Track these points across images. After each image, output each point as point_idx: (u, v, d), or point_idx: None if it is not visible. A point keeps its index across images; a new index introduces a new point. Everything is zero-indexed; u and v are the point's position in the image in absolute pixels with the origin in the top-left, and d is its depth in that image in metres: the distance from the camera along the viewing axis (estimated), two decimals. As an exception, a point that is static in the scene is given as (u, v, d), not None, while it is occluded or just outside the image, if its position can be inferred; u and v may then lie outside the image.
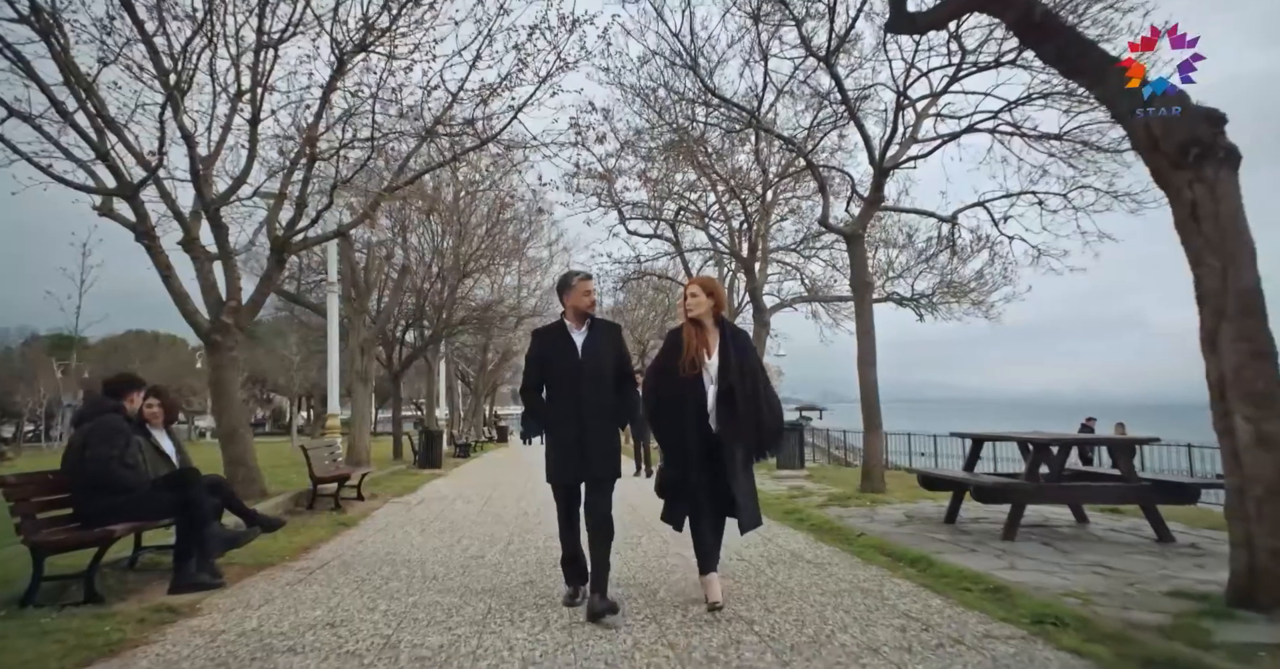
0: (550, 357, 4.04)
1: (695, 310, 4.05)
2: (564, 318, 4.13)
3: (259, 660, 3.14)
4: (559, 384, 4.01)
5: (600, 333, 4.09)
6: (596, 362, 3.99)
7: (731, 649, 3.26)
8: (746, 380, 3.93)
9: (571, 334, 4.04)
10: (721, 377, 3.93)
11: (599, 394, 3.95)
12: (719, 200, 17.03)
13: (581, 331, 4.06)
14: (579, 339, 4.03)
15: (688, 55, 10.00)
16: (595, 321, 4.13)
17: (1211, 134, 4.15)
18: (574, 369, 3.95)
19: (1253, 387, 3.93)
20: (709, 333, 4.06)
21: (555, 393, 4.03)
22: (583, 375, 3.94)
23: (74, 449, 4.48)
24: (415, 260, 16.46)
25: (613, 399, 4.02)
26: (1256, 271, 4.03)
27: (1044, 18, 4.73)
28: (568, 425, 3.91)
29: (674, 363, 4.02)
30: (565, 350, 3.99)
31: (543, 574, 4.91)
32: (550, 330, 4.19)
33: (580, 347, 4.00)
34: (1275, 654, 3.21)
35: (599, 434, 3.91)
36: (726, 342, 4.02)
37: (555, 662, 3.10)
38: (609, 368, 4.04)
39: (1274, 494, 3.84)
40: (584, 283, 4.10)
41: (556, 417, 3.97)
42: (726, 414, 3.91)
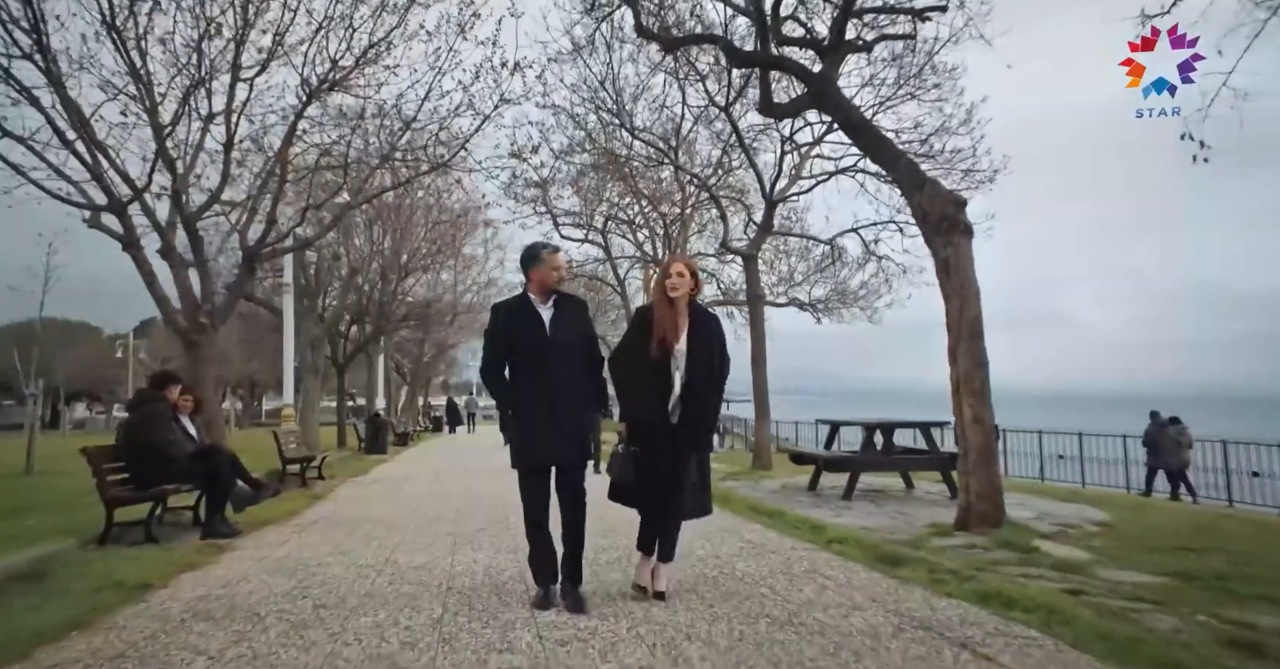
0: (515, 333, 3.74)
1: (678, 291, 3.80)
2: (527, 291, 3.85)
3: (301, 570, 4.66)
4: (525, 362, 3.73)
5: (568, 308, 3.84)
6: (566, 338, 3.74)
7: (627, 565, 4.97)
8: (713, 377, 3.82)
9: (538, 308, 3.76)
10: (689, 370, 3.76)
11: (569, 372, 3.71)
12: (642, 211, 18.76)
13: (548, 307, 3.78)
14: (546, 314, 3.76)
15: (613, 101, 11.70)
16: (561, 296, 3.87)
17: (956, 213, 6.07)
18: (542, 346, 3.69)
19: (973, 385, 5.88)
20: (680, 316, 3.82)
21: (521, 372, 3.75)
22: (552, 353, 3.69)
23: (129, 428, 5.86)
24: (359, 261, 17.63)
25: (583, 378, 3.81)
26: (980, 308, 5.98)
27: (859, 121, 6.60)
28: (536, 406, 3.66)
29: (642, 342, 3.79)
30: (532, 326, 3.71)
31: (492, 525, 6.49)
32: (514, 304, 3.86)
33: (548, 322, 3.73)
34: (956, 549, 5.14)
35: (571, 415, 3.70)
36: (698, 328, 3.83)
37: (508, 565, 4.74)
38: (579, 345, 3.81)
39: (982, 457, 5.82)
40: (553, 256, 3.83)
41: (523, 397, 3.71)
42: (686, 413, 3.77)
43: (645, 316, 3.93)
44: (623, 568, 4.53)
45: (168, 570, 4.59)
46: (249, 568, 4.77)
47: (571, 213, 19.89)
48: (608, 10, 8.45)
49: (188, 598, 3.98)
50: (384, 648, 3.09)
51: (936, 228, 6.10)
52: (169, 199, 9.95)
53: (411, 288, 21.23)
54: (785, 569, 4.55)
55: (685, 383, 3.78)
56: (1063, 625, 3.30)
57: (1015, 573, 4.52)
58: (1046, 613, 3.49)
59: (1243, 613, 3.54)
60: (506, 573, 4.51)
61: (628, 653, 3.00)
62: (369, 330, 19.69)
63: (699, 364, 3.79)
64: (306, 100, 10.11)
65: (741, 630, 3.29)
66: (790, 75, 7.37)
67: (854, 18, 7.16)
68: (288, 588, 4.19)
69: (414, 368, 30.70)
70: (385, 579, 4.39)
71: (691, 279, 3.87)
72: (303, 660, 2.94)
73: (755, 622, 3.43)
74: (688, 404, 3.77)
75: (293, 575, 4.51)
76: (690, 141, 14.96)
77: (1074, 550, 5.22)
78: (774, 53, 7.18)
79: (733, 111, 10.81)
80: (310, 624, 3.44)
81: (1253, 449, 12.61)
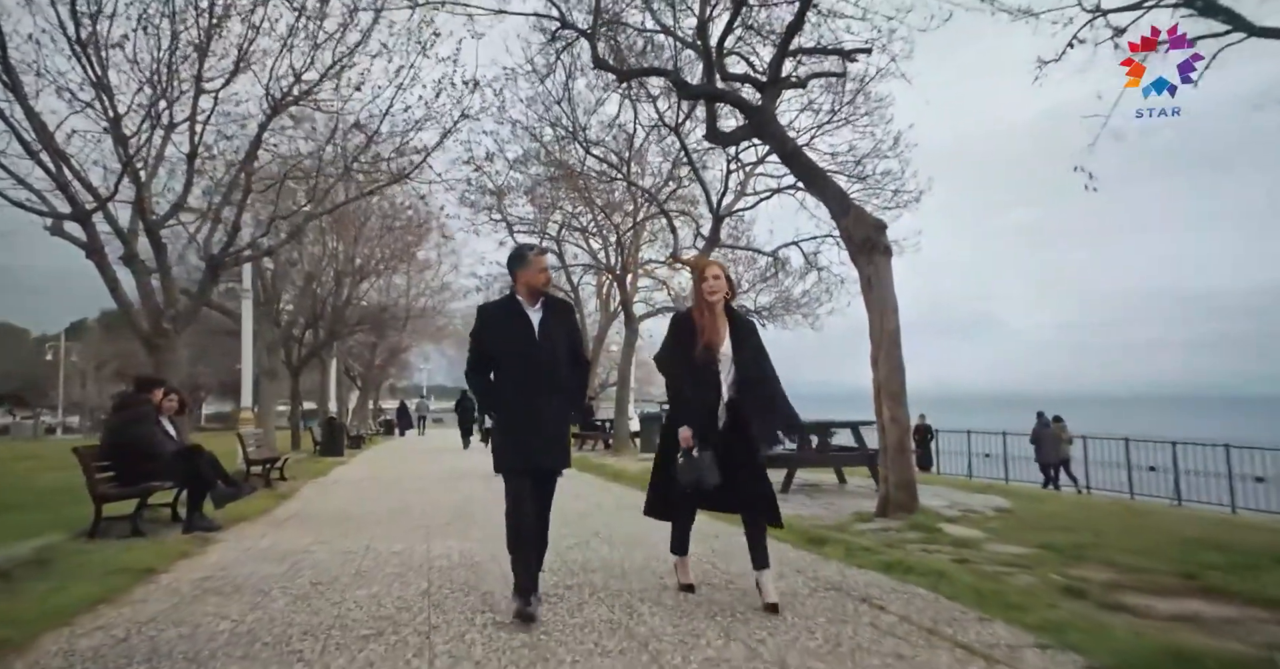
0: (503, 336, 3.70)
1: (716, 294, 3.77)
2: (515, 294, 3.79)
3: (290, 557, 5.14)
4: (513, 367, 3.68)
5: (555, 312, 3.79)
6: (554, 342, 3.71)
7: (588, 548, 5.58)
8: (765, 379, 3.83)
9: (526, 311, 3.71)
10: (740, 370, 3.77)
11: (556, 378, 3.69)
12: (595, 220, 19.37)
13: (537, 310, 3.72)
14: (535, 317, 3.70)
15: (569, 118, 12.35)
16: (549, 299, 3.83)
17: (878, 236, 6.86)
18: (531, 351, 3.64)
19: (892, 389, 6.68)
20: (720, 320, 3.80)
21: (508, 376, 3.70)
22: (540, 356, 3.65)
23: (114, 429, 6.23)
24: (314, 265, 17.82)
25: (568, 384, 3.79)
26: (898, 320, 6.78)
27: (793, 150, 7.37)
28: (522, 411, 3.62)
29: (688, 348, 3.76)
30: (521, 330, 3.67)
31: (459, 519, 7.01)
32: (502, 307, 3.84)
33: (537, 325, 3.68)
34: (873, 532, 5.91)
35: (556, 422, 3.72)
36: (738, 331, 3.83)
37: (480, 550, 5.30)
38: (564, 350, 3.76)
39: (898, 452, 6.61)
40: (539, 258, 3.79)
41: (509, 401, 3.66)
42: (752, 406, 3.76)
43: (684, 323, 3.87)
44: (582, 550, 5.14)
45: (165, 558, 5.03)
46: (240, 556, 5.23)
47: (526, 220, 20.38)
48: (567, 42, 9.07)
49: (193, 579, 4.45)
50: (383, 611, 3.65)
51: (860, 248, 6.89)
52: (132, 207, 10.17)
53: (366, 292, 21.45)
54: (725, 549, 5.21)
55: (737, 385, 3.78)
56: (946, 584, 4.04)
57: (918, 548, 5.29)
58: (936, 576, 4.23)
59: (1084, 572, 4.36)
60: (479, 556, 5.07)
61: (592, 611, 3.62)
62: (323, 335, 19.85)
63: (748, 365, 3.78)
64: (271, 113, 10.45)
65: (680, 596, 3.94)
66: (734, 107, 8.10)
67: (790, 56, 7.96)
68: (282, 570, 4.68)
69: (365, 372, 30.69)
70: (370, 562, 4.91)
71: (727, 282, 3.85)
72: (315, 621, 3.48)
73: (698, 588, 4.08)
74: (748, 397, 3.76)
75: (283, 561, 4.99)
76: (642, 152, 15.68)
77: (971, 531, 6.03)
78: (719, 86, 7.92)
79: (682, 130, 11.56)
80: (312, 596, 3.97)
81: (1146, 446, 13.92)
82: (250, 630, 3.33)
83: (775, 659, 2.89)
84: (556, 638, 3.18)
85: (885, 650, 3.00)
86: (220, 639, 3.20)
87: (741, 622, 3.42)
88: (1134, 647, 2.88)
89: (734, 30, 8.14)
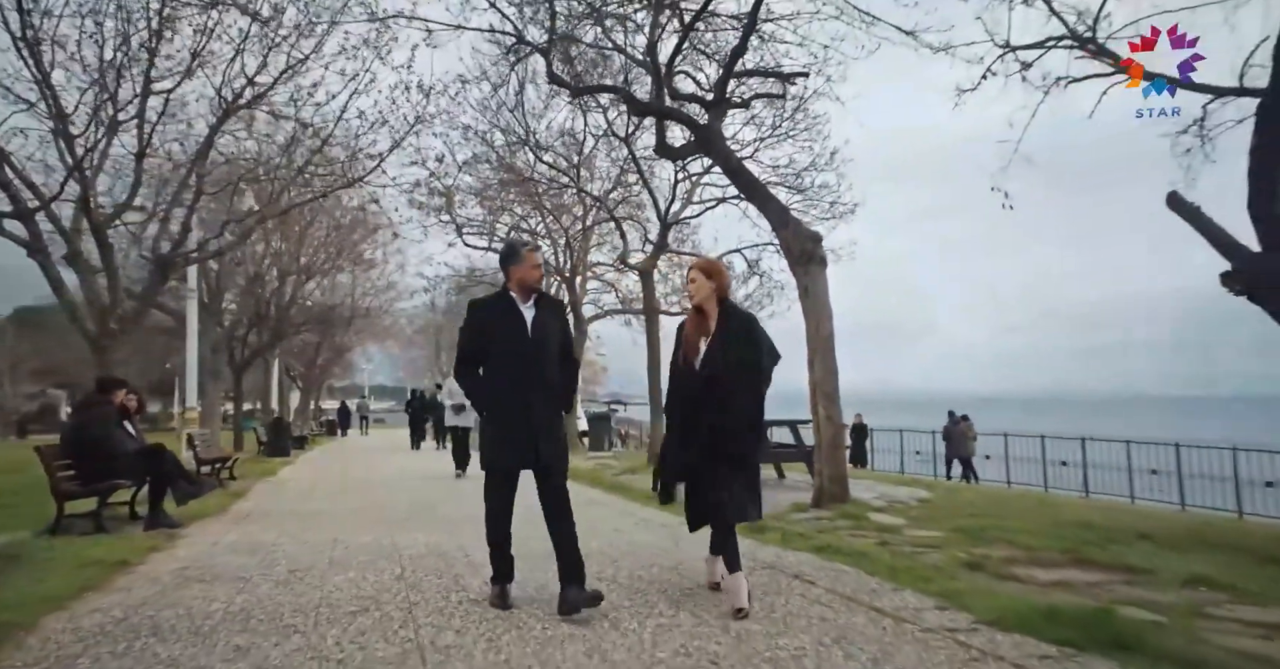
0: (496, 332, 3.67)
1: (696, 296, 3.74)
2: (508, 290, 3.74)
3: (261, 549, 5.38)
4: (504, 363, 3.65)
5: (548, 309, 3.77)
6: (546, 339, 3.68)
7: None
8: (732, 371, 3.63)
9: (520, 309, 3.67)
10: (703, 366, 3.67)
11: (548, 375, 3.66)
12: (545, 222, 19.65)
13: (530, 307, 3.69)
14: (528, 314, 3.66)
15: (521, 126, 12.69)
16: (542, 297, 3.81)
17: (815, 249, 7.44)
18: (524, 348, 3.61)
19: (826, 390, 7.27)
20: (710, 320, 3.72)
21: (499, 372, 3.68)
22: (533, 355, 3.61)
23: (76, 428, 6.33)
24: (259, 265, 17.63)
25: (559, 380, 3.76)
26: (832, 326, 7.38)
27: (737, 166, 7.90)
28: (513, 408, 3.58)
29: (676, 356, 3.80)
30: (514, 327, 3.63)
31: (418, 515, 7.30)
32: (495, 303, 3.79)
33: (530, 322, 3.65)
34: (808, 520, 6.47)
35: (549, 420, 3.69)
36: (722, 328, 3.69)
37: (446, 540, 5.64)
38: (555, 348, 3.74)
39: (832, 449, 7.21)
40: (532, 254, 3.79)
41: (499, 398, 3.64)
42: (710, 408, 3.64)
43: (678, 331, 3.86)
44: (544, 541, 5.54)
45: (136, 552, 5.20)
46: (210, 549, 5.44)
47: (475, 222, 20.53)
48: (522, 54, 9.41)
49: (170, 569, 4.67)
50: (364, 592, 3.99)
51: (798, 259, 7.45)
52: (76, 206, 10.06)
53: (311, 292, 21.27)
54: (672, 537, 5.67)
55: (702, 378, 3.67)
56: (867, 563, 4.59)
57: (847, 534, 5.86)
58: (859, 557, 4.78)
59: (985, 550, 4.99)
60: (446, 546, 5.39)
61: (556, 589, 4.03)
62: (267, 335, 19.62)
63: (715, 362, 3.64)
64: (223, 115, 10.48)
65: (639, 574, 4.38)
66: (681, 124, 8.61)
67: (734, 78, 8.52)
68: (256, 561, 4.94)
69: (307, 372, 30.22)
70: (341, 552, 5.20)
71: (709, 279, 3.74)
72: (301, 602, 3.79)
73: (649, 569, 4.53)
74: (707, 414, 3.63)
75: (255, 553, 5.24)
76: (591, 159, 16.07)
77: (894, 519, 6.65)
78: (668, 104, 8.40)
79: (631, 140, 12.03)
80: (293, 582, 4.27)
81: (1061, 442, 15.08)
82: (242, 610, 3.63)
83: (719, 625, 3.36)
84: (527, 610, 3.58)
85: (813, 615, 3.50)
86: (215, 618, 3.50)
87: (689, 596, 3.88)
88: (1013, 605, 3.45)
89: (683, 51, 8.64)
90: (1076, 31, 7.64)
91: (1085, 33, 7.58)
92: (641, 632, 3.26)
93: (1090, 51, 7.55)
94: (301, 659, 2.90)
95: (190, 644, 3.10)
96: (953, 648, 3.00)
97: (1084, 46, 7.55)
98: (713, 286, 3.73)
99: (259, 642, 3.12)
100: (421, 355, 42.35)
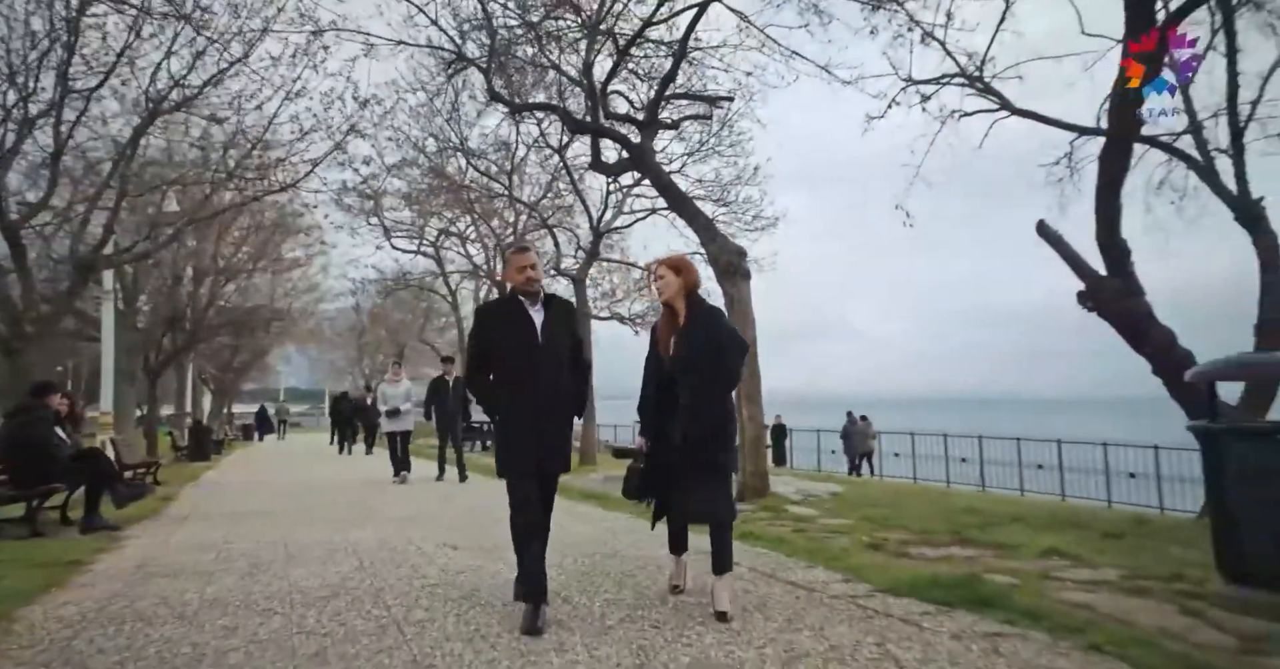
0: (504, 337, 3.59)
1: (664, 293, 3.68)
2: (515, 294, 3.64)
3: (213, 547, 5.54)
4: (513, 368, 3.57)
5: (558, 312, 3.67)
6: (557, 343, 3.60)
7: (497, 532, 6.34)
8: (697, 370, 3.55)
9: (529, 312, 3.59)
10: (671, 364, 3.63)
11: (558, 381, 3.59)
12: (474, 225, 19.77)
13: (538, 310, 3.61)
14: (538, 319, 3.59)
15: (457, 135, 12.96)
16: (552, 299, 3.71)
17: (739, 262, 8.07)
18: (533, 352, 3.54)
19: (749, 392, 7.90)
20: (680, 316, 3.67)
21: (509, 377, 3.60)
22: (543, 360, 3.54)
23: (10, 432, 6.30)
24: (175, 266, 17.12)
25: (569, 386, 3.68)
26: (755, 333, 8.02)
27: (668, 182, 8.47)
28: (523, 414, 3.52)
29: (652, 354, 3.76)
30: (523, 331, 3.55)
31: (358, 515, 7.52)
32: (503, 307, 3.74)
33: (539, 326, 3.57)
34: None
35: (558, 425, 3.64)
36: (691, 324, 3.63)
37: (395, 536, 5.94)
38: (565, 352, 3.66)
39: (754, 447, 7.85)
40: (518, 255, 3.69)
41: (510, 404, 3.57)
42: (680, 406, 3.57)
43: (653, 330, 3.80)
44: (493, 534, 5.93)
45: (84, 552, 5.32)
46: (160, 549, 5.57)
47: (404, 224, 20.50)
48: (460, 69, 9.70)
49: (127, 567, 4.84)
50: (329, 580, 4.30)
51: (724, 271, 8.07)
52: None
53: (231, 294, 20.74)
54: (608, 530, 6.15)
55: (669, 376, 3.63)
56: (785, 547, 5.20)
57: (766, 524, 6.47)
58: (777, 542, 5.39)
59: (886, 534, 5.68)
60: (396, 541, 5.69)
61: (511, 575, 4.44)
62: (183, 338, 19.03)
63: (685, 367, 3.57)
64: (149, 117, 10.33)
65: (581, 560, 4.84)
66: (616, 142, 9.13)
67: (665, 101, 9.10)
68: (213, 557, 5.14)
69: (222, 375, 29.21)
70: (295, 548, 5.44)
71: (678, 275, 3.66)
72: (271, 590, 4.08)
73: (591, 557, 4.98)
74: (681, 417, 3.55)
75: (209, 550, 5.42)
76: (522, 166, 16.39)
77: (810, 510, 7.33)
78: (603, 123, 8.89)
79: (565, 152, 12.47)
80: (256, 574, 4.53)
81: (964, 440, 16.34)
82: (217, 598, 3.91)
83: (658, 597, 3.87)
84: (487, 594, 3.99)
85: (737, 589, 4.02)
86: (193, 605, 3.77)
87: (631, 577, 4.37)
88: (903, 576, 4.10)
89: (618, 73, 9.16)
90: (967, 71, 8.59)
91: (974, 72, 8.53)
92: (591, 605, 3.73)
93: (978, 89, 8.49)
94: (289, 634, 3.25)
95: (178, 626, 3.38)
96: (853, 609, 3.60)
97: (973, 84, 8.49)
98: (681, 283, 3.67)
99: (244, 622, 3.44)
100: (343, 357, 41.42)
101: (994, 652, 2.95)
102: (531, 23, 8.76)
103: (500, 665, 2.86)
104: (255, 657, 2.96)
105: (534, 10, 8.85)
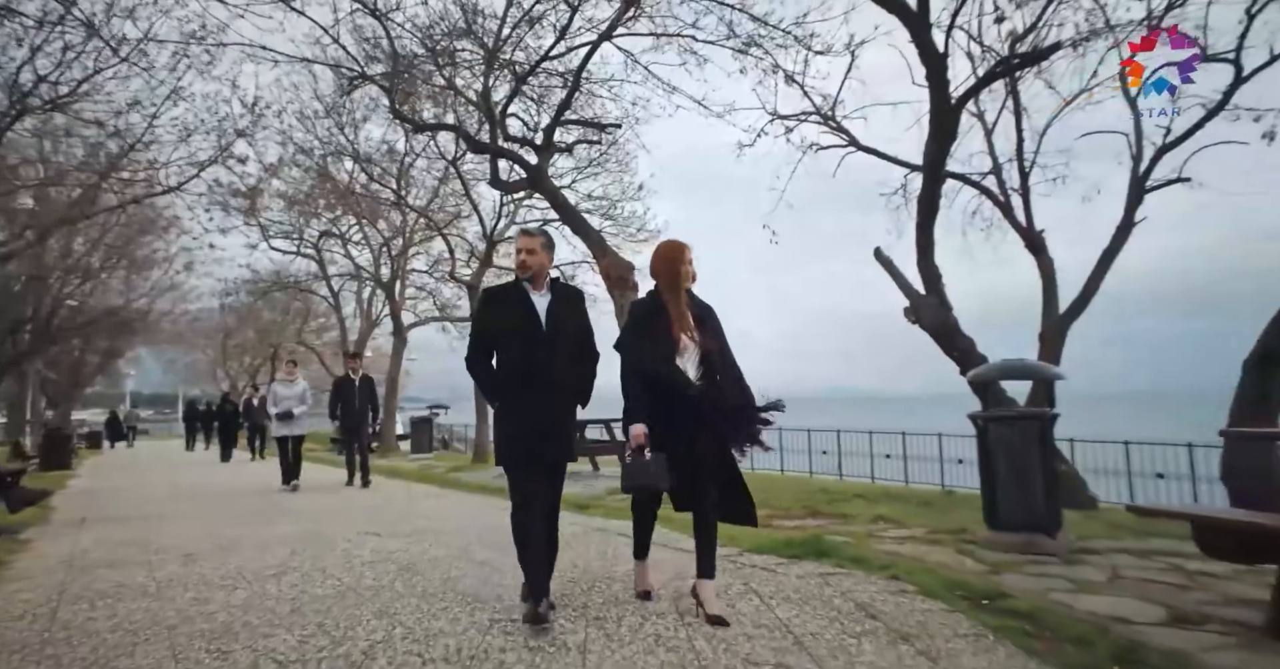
0: (506, 322, 3.52)
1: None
2: (520, 279, 3.59)
3: (136, 543, 5.74)
4: (515, 354, 3.51)
5: (564, 299, 3.61)
6: (562, 330, 3.53)
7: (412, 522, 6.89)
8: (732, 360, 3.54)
9: (532, 297, 3.54)
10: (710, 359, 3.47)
11: (562, 368, 3.51)
12: (360, 227, 19.64)
13: (543, 295, 3.56)
14: (541, 304, 3.53)
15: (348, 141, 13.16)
16: (558, 285, 3.67)
17: (629, 275, 8.98)
18: (536, 338, 3.48)
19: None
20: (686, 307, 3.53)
21: (510, 364, 3.53)
22: (546, 346, 3.47)
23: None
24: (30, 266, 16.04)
25: (574, 374, 3.59)
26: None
27: (563, 201, 9.27)
28: (525, 402, 3.45)
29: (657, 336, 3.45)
30: (525, 316, 3.49)
31: (267, 514, 7.78)
32: (506, 291, 3.64)
33: (543, 312, 3.52)
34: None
35: (562, 413, 3.58)
36: (701, 317, 3.57)
37: (315, 530, 6.37)
38: (574, 338, 3.59)
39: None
40: (518, 240, 3.64)
41: (511, 391, 3.49)
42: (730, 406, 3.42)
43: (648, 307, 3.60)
44: (410, 521, 6.49)
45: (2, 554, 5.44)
46: (82, 548, 5.65)
47: (282, 224, 20.06)
48: (358, 84, 10.04)
49: (58, 562, 5.03)
50: (272, 562, 4.80)
51: (616, 284, 8.94)
52: None
53: (85, 296, 19.49)
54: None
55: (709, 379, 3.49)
56: (671, 524, 6.10)
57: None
58: (665, 520, 6.21)
59: (814, 522, 6.79)
60: (320, 531, 6.14)
61: (435, 552, 5.10)
62: (27, 341, 17.78)
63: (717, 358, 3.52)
64: (16, 115, 9.96)
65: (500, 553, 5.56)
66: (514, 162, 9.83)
67: (560, 126, 9.91)
68: (142, 550, 5.39)
69: (68, 380, 27.03)
70: (225, 541, 5.76)
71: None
72: (220, 573, 4.53)
73: (506, 550, 5.69)
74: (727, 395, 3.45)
75: (132, 545, 5.65)
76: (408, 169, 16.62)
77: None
78: (501, 145, 9.56)
79: (459, 163, 12.99)
80: (198, 562, 4.91)
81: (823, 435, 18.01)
82: (172, 579, 4.34)
83: (580, 565, 4.68)
84: (424, 566, 4.65)
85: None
86: (152, 586, 4.19)
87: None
88: (765, 540, 5.13)
89: (516, 98, 9.85)
90: (822, 110, 9.96)
91: (828, 112, 9.92)
92: (514, 570, 4.47)
93: (831, 127, 9.89)
94: (259, 599, 3.81)
95: (151, 601, 3.84)
96: (726, 564, 4.56)
97: (826, 122, 9.88)
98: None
99: (211, 594, 3.94)
100: (204, 359, 39.04)
101: (825, 584, 4.00)
102: (433, 48, 9.28)
103: (452, 612, 3.58)
104: (239, 616, 3.52)
105: (436, 38, 9.38)
